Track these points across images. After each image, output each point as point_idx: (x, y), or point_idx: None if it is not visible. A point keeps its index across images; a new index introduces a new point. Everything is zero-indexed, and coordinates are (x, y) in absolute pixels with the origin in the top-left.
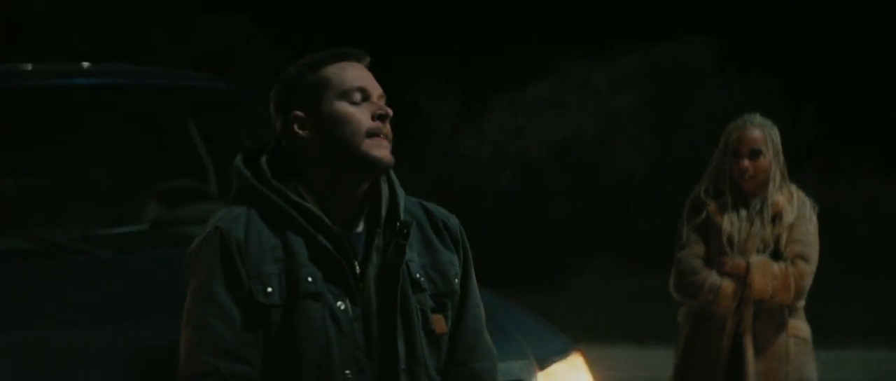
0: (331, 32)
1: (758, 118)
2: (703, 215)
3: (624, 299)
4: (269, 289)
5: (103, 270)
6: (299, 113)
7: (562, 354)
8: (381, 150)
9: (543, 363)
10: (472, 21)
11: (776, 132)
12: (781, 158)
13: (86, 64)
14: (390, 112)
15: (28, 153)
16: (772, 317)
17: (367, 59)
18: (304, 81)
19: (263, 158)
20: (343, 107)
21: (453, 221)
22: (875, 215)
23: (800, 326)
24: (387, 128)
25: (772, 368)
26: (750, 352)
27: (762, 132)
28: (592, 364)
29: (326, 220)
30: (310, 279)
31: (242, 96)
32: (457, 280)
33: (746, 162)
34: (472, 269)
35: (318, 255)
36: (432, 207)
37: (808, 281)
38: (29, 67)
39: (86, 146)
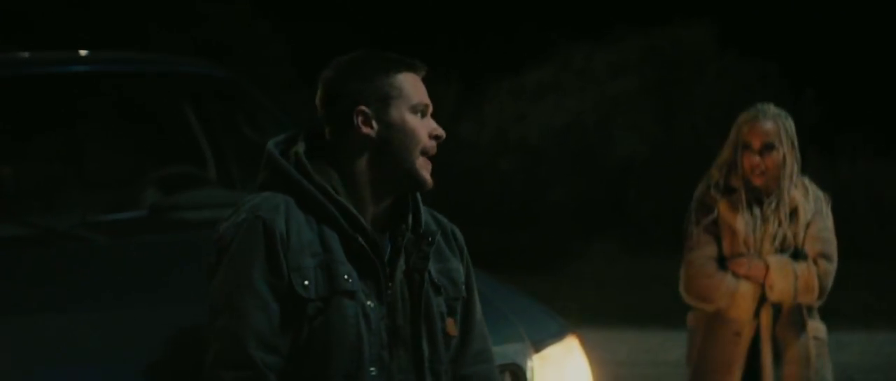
0: (331, 20)
1: (771, 109)
2: (714, 213)
3: (624, 283)
4: (306, 282)
5: (101, 256)
6: (366, 109)
7: (557, 337)
8: (427, 172)
9: (539, 346)
10: (472, 6)
11: (791, 123)
12: (797, 150)
13: (83, 51)
14: (444, 135)
15: (26, 140)
16: (792, 319)
17: (424, 73)
18: (375, 80)
19: (302, 149)
20: (413, 120)
21: (458, 232)
22: (876, 198)
23: (818, 326)
24: (435, 149)
25: (794, 372)
26: (769, 357)
27: (775, 124)
28: (593, 348)
29: (363, 220)
30: (347, 278)
31: (241, 83)
32: (463, 286)
33: (757, 158)
34: (473, 277)
35: (355, 254)
36: (439, 216)
37: (831, 280)
38: (27, 54)
39: (84, 133)
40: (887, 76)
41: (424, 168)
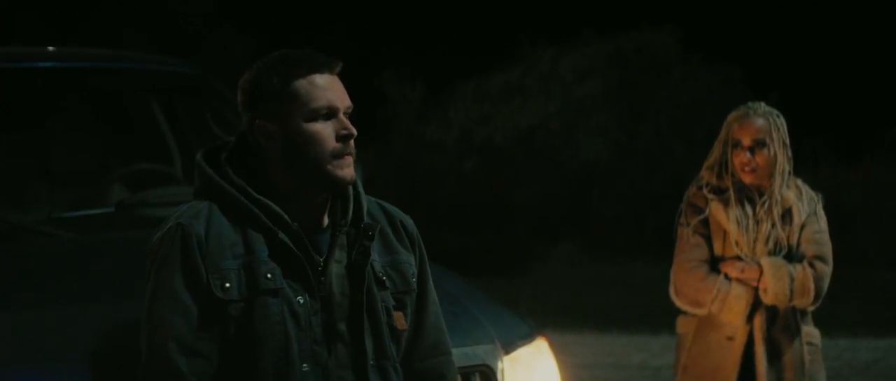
0: (296, 20)
1: (762, 106)
2: (704, 213)
3: (587, 286)
4: (227, 284)
5: (67, 252)
6: (265, 123)
7: (527, 338)
8: (345, 169)
9: (509, 348)
10: (438, 8)
11: (782, 121)
12: (789, 149)
13: (51, 48)
14: (354, 132)
15: None
16: (786, 323)
17: (339, 66)
18: (271, 89)
19: (224, 156)
20: (309, 127)
21: (410, 222)
22: (836, 205)
23: (812, 332)
24: (351, 146)
25: (787, 378)
26: (763, 362)
27: (766, 121)
28: (556, 351)
29: (286, 217)
30: (268, 276)
31: (208, 80)
32: (414, 279)
33: (747, 155)
34: (428, 268)
35: (279, 251)
36: (389, 207)
37: (826, 283)
38: None
39: (51, 129)
40: (850, 83)
41: (339, 168)
